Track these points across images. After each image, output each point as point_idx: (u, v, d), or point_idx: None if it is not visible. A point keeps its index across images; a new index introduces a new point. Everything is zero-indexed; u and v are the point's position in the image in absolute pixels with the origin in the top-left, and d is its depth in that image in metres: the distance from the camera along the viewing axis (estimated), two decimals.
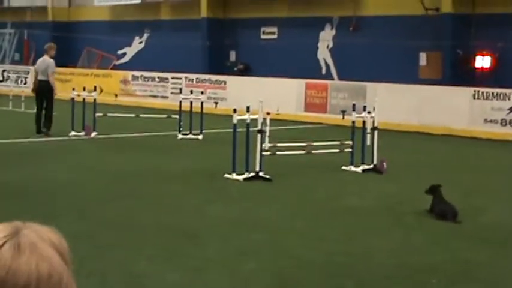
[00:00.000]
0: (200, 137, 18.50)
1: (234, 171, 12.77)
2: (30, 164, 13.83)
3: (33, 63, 36.21)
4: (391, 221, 10.00)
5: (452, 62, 23.94)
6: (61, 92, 27.79)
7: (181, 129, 18.71)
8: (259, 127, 13.03)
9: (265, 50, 29.09)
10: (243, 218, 9.92)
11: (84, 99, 18.84)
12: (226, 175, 12.80)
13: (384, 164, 14.10)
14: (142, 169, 13.67)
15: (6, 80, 35.08)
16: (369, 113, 14.77)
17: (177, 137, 18.51)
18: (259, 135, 12.93)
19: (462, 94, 22.14)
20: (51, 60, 18.75)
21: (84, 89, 19.43)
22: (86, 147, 16.86)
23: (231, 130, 13.20)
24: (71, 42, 35.92)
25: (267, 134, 13.97)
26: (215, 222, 9.57)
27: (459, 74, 23.66)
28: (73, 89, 19.50)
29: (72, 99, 18.86)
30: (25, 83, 34.11)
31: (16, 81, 34.75)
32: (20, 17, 38.55)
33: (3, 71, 35.85)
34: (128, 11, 33.84)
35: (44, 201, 10.56)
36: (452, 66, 23.92)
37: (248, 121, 12.93)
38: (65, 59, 35.32)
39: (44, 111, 18.65)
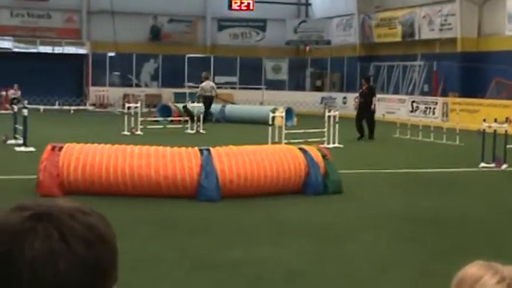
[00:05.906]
0: None
1: None
2: (444, 193, 13.95)
3: (442, 95, 36.82)
4: None
5: None
6: (468, 123, 27.88)
7: None
8: None
9: None
10: None
11: (495, 130, 18.64)
12: None
13: None
14: None
15: (415, 110, 35.99)
16: None
17: None
18: None
19: None
20: (213, 83, 31.26)
21: (495, 120, 19.26)
22: (495, 179, 16.56)
23: None
24: (479, 73, 35.65)
25: None
26: None
27: None
28: (484, 120, 19.49)
29: (483, 130, 18.75)
30: (433, 113, 34.67)
31: (424, 111, 35.47)
32: (429, 48, 39.30)
33: (413, 101, 36.82)
34: None
35: (457, 233, 10.53)
36: None
37: None
38: (473, 90, 35.22)
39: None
